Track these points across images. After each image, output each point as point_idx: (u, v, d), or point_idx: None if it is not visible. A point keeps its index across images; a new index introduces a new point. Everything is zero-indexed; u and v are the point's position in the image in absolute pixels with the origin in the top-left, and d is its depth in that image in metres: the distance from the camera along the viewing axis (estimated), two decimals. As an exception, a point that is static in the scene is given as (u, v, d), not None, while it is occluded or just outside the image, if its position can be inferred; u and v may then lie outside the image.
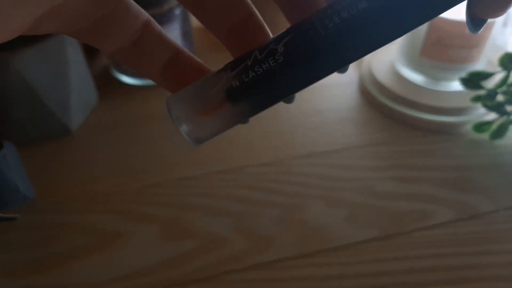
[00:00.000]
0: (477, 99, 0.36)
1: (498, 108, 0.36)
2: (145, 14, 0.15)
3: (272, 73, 0.14)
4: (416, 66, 0.40)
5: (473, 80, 0.36)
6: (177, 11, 0.42)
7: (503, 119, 0.36)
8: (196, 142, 0.16)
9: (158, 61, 0.16)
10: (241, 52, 0.15)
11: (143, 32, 0.15)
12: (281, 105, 0.43)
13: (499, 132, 0.37)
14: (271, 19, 0.36)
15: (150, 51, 0.16)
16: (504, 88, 0.35)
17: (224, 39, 0.16)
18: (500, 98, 0.36)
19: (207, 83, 0.15)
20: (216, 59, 0.17)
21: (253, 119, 0.17)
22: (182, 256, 0.29)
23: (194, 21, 0.50)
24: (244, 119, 0.16)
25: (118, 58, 0.16)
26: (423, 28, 0.37)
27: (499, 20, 0.36)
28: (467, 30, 0.15)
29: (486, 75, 0.35)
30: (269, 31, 0.16)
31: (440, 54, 0.38)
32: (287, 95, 0.15)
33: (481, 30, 0.14)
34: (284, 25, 0.15)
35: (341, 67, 0.15)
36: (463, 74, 0.36)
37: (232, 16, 0.15)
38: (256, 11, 0.16)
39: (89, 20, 0.14)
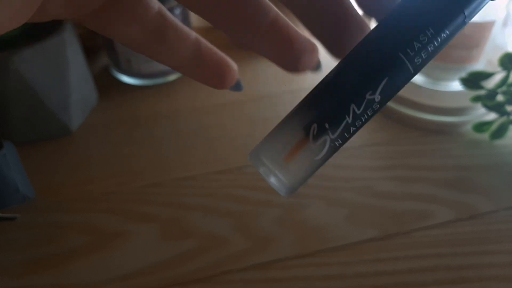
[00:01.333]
0: (477, 99, 0.36)
1: (498, 108, 0.36)
2: (156, 3, 0.15)
3: (369, 119, 0.14)
4: (416, 66, 0.40)
5: (473, 80, 0.36)
6: (177, 11, 0.42)
7: (503, 119, 0.36)
8: (288, 191, 0.15)
9: (182, 51, 0.16)
10: (273, 50, 0.15)
11: (158, 20, 0.15)
12: (281, 106, 0.43)
13: (499, 132, 0.37)
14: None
15: (171, 40, 0.15)
16: (504, 88, 0.35)
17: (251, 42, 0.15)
18: (500, 98, 0.36)
19: (286, 133, 0.15)
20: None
21: (252, 119, 0.17)
22: (182, 256, 0.29)
23: (194, 21, 0.50)
24: (330, 156, 0.15)
25: (139, 50, 0.16)
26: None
27: (499, 20, 0.36)
28: (467, 29, 0.15)
29: (486, 75, 0.35)
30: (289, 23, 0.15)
31: (440, 54, 0.38)
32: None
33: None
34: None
35: None
36: (463, 74, 0.36)
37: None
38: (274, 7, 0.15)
39: (97, 3, 0.14)
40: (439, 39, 0.14)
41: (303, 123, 0.14)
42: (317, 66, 0.16)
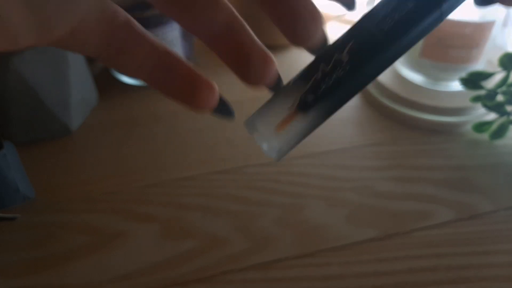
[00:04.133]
0: (477, 99, 0.36)
1: (498, 108, 0.36)
2: (122, 14, 0.15)
3: (341, 81, 0.16)
4: (416, 66, 0.40)
5: (473, 80, 0.36)
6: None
7: (503, 119, 0.36)
8: (278, 156, 0.17)
9: (142, 62, 0.15)
10: (229, 56, 0.16)
11: (120, 32, 0.14)
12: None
13: (499, 132, 0.37)
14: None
15: (130, 51, 0.15)
16: (504, 88, 0.35)
17: (210, 43, 0.16)
18: (500, 98, 0.36)
19: (279, 101, 0.17)
20: (216, 60, 0.17)
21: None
22: (182, 256, 0.29)
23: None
24: (316, 126, 0.17)
25: (98, 59, 0.15)
26: (423, 28, 0.37)
27: (499, 20, 0.36)
28: (467, 29, 0.15)
29: (486, 75, 0.35)
30: (250, 31, 0.16)
31: (440, 54, 0.38)
32: (356, 94, 0.16)
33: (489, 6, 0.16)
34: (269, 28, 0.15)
35: (398, 58, 0.16)
36: (463, 74, 0.36)
37: (214, 19, 0.15)
38: (236, 13, 0.16)
39: (63, 28, 0.13)
40: (405, 9, 0.15)
41: (291, 96, 0.16)
42: (277, 81, 0.17)
